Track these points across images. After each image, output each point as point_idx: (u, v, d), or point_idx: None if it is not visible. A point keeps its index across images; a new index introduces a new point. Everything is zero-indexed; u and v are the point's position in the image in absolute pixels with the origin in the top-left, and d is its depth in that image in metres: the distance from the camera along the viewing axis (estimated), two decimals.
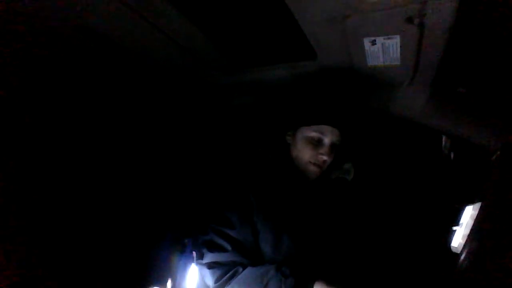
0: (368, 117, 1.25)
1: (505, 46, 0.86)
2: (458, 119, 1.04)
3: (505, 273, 0.69)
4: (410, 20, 0.66)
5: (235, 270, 0.89)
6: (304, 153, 1.00)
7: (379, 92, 1.09)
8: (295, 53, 0.96)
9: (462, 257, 0.82)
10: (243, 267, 0.89)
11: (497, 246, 0.74)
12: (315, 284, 0.82)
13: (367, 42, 0.78)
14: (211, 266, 0.92)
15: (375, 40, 0.77)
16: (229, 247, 0.92)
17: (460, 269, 0.81)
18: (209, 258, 0.94)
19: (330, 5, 0.66)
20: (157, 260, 1.13)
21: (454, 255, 0.90)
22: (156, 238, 1.18)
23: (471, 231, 0.86)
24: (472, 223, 0.88)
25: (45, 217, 0.94)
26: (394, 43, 0.76)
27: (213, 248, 0.94)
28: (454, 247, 0.94)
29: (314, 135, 0.99)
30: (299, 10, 0.69)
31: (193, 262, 1.01)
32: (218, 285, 0.90)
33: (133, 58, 0.93)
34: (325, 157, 0.98)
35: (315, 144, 0.99)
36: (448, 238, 0.98)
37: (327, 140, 0.99)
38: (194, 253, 1.02)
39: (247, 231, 0.94)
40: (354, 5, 0.65)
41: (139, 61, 0.95)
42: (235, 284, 0.88)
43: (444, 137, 1.46)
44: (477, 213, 0.87)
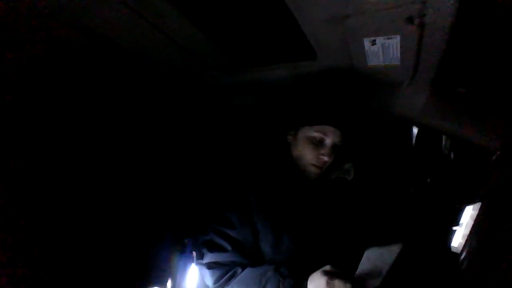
0: (369, 117, 1.25)
1: (505, 46, 0.86)
2: (458, 119, 1.04)
3: (505, 273, 0.69)
4: (410, 20, 0.66)
5: (234, 271, 0.89)
6: (305, 153, 1.00)
7: (379, 92, 1.09)
8: (295, 53, 0.96)
9: (462, 257, 0.83)
10: (242, 267, 0.90)
11: (497, 246, 0.74)
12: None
13: (367, 42, 0.78)
14: (211, 266, 0.92)
15: (375, 40, 0.77)
16: (229, 247, 0.92)
17: (460, 269, 0.81)
18: (209, 258, 0.94)
19: (330, 5, 0.66)
20: (157, 260, 1.13)
21: (454, 255, 0.90)
22: (156, 238, 1.19)
23: (471, 231, 0.86)
24: (472, 223, 0.88)
25: (45, 217, 0.94)
26: (394, 43, 0.76)
27: (213, 248, 0.94)
28: (454, 247, 0.94)
29: (316, 135, 0.99)
30: (299, 10, 0.69)
31: (193, 262, 1.02)
32: (218, 286, 0.90)
33: (133, 58, 0.93)
34: (326, 158, 0.98)
35: (317, 144, 0.99)
36: (448, 238, 0.98)
37: (328, 140, 0.99)
38: (194, 253, 1.02)
39: (247, 231, 0.94)
40: (354, 5, 0.65)
41: (139, 61, 0.95)
42: (234, 284, 0.88)
43: (444, 137, 1.46)
44: (477, 213, 0.87)
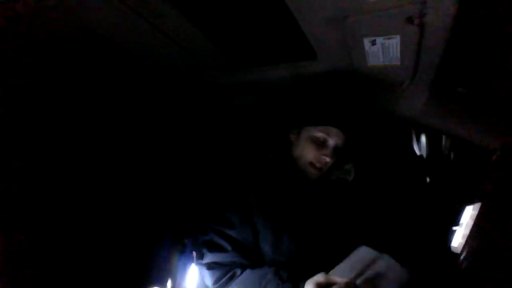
0: (369, 118, 1.25)
1: (505, 46, 0.86)
2: (458, 119, 1.04)
3: (505, 273, 0.69)
4: (410, 20, 0.66)
5: (234, 272, 0.89)
6: (307, 152, 1.00)
7: (379, 92, 1.09)
8: (295, 53, 0.96)
9: (462, 257, 0.82)
10: (242, 268, 0.90)
11: (497, 246, 0.74)
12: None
13: (367, 42, 0.78)
14: (210, 266, 0.92)
15: (375, 40, 0.77)
16: (229, 247, 0.92)
17: (460, 269, 0.81)
18: (209, 258, 0.94)
19: (330, 5, 0.66)
20: (157, 260, 1.13)
21: (454, 255, 0.90)
22: (156, 238, 1.18)
23: (471, 231, 0.86)
24: (472, 223, 0.88)
25: (45, 217, 0.94)
26: (394, 43, 0.76)
27: (213, 248, 0.94)
28: (454, 247, 0.93)
29: (319, 135, 0.99)
30: (299, 10, 0.69)
31: (193, 262, 1.01)
32: (217, 286, 0.90)
33: (133, 58, 0.93)
34: (328, 159, 0.98)
35: (319, 144, 0.99)
36: (448, 238, 0.98)
37: (331, 141, 0.99)
38: (194, 253, 1.02)
39: (247, 231, 0.94)
40: (354, 5, 0.65)
41: (139, 61, 0.95)
42: (234, 286, 0.88)
43: (444, 137, 1.46)
44: (477, 213, 0.87)
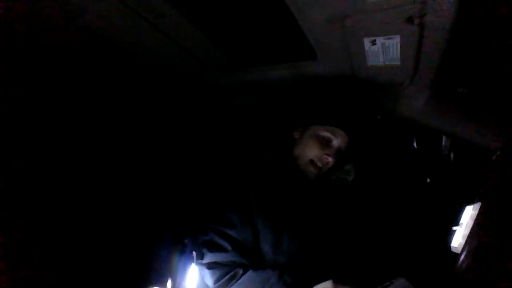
0: (371, 119, 1.25)
1: (505, 46, 0.86)
2: (458, 119, 1.04)
3: (505, 273, 0.69)
4: (410, 20, 0.66)
5: (234, 272, 0.89)
6: (309, 149, 1.00)
7: (379, 92, 1.09)
8: (295, 53, 0.96)
9: (462, 257, 0.82)
10: (243, 268, 0.89)
11: (497, 246, 0.74)
12: None
13: (367, 42, 0.78)
14: (211, 266, 0.92)
15: (375, 40, 0.77)
16: (229, 247, 0.92)
17: (460, 269, 0.81)
18: (209, 258, 0.94)
19: (330, 5, 0.66)
20: (157, 260, 1.13)
21: (454, 255, 0.90)
22: (156, 238, 1.18)
23: (471, 231, 0.86)
24: (472, 223, 0.88)
25: (45, 216, 0.94)
26: (394, 43, 0.76)
27: (213, 248, 0.94)
28: (454, 247, 0.93)
29: (325, 134, 1.00)
30: (299, 10, 0.69)
31: (193, 262, 1.01)
32: (218, 286, 0.90)
33: (133, 58, 0.93)
34: (330, 159, 0.99)
35: (324, 144, 1.00)
36: (448, 238, 0.98)
37: (336, 142, 1.00)
38: (194, 253, 1.02)
39: (247, 231, 0.94)
40: (354, 5, 0.65)
41: (140, 61, 0.95)
42: (235, 287, 0.88)
43: (444, 137, 1.46)
44: (477, 213, 0.87)
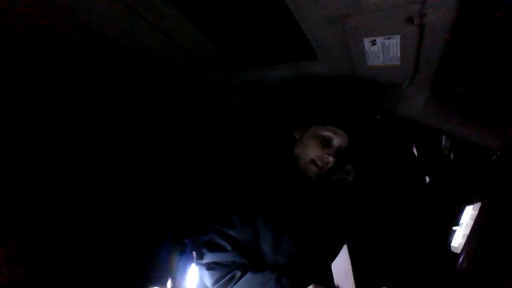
0: (371, 119, 1.25)
1: (505, 46, 0.86)
2: (458, 119, 1.04)
3: (505, 273, 0.69)
4: (410, 20, 0.66)
5: (233, 274, 0.89)
6: (310, 149, 1.01)
7: (379, 92, 1.09)
8: (295, 53, 0.96)
9: (462, 257, 0.82)
10: (242, 269, 0.89)
11: (497, 246, 0.74)
12: None
13: (367, 42, 0.78)
14: (210, 267, 0.92)
15: (375, 40, 0.77)
16: (229, 247, 0.92)
17: (460, 269, 0.81)
18: (208, 258, 0.94)
19: (330, 5, 0.66)
20: (157, 260, 1.13)
21: (454, 255, 0.90)
22: (156, 238, 1.18)
23: (471, 231, 0.86)
24: (472, 223, 0.88)
25: (45, 216, 0.94)
26: (394, 43, 0.76)
27: (213, 248, 0.94)
28: (454, 247, 0.93)
29: (326, 134, 1.01)
30: (299, 10, 0.69)
31: (193, 262, 1.01)
32: (217, 287, 0.90)
33: (133, 58, 0.93)
34: (331, 158, 0.99)
35: (324, 143, 1.00)
36: (448, 238, 0.97)
37: (336, 142, 1.00)
38: (194, 253, 1.02)
39: (247, 231, 0.94)
40: (354, 5, 0.65)
41: (140, 61, 0.95)
42: None
43: (444, 137, 1.46)
44: (477, 213, 0.87)
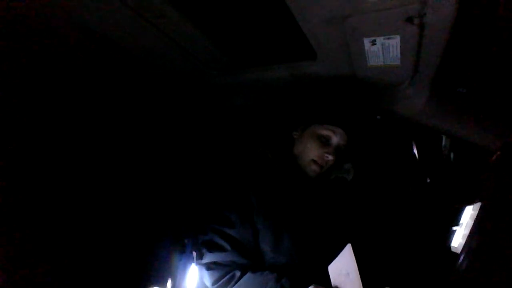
0: (370, 119, 1.25)
1: (505, 46, 0.86)
2: (458, 119, 1.04)
3: (505, 273, 0.69)
4: (410, 20, 0.66)
5: (233, 274, 0.89)
6: (310, 149, 1.01)
7: (379, 92, 1.09)
8: (295, 53, 0.96)
9: (462, 257, 0.82)
10: (241, 269, 0.89)
11: (497, 246, 0.74)
12: None
13: (367, 42, 0.78)
14: (210, 267, 0.92)
15: (375, 40, 0.77)
16: (228, 247, 0.92)
17: (460, 269, 0.81)
18: (208, 258, 0.94)
19: (330, 5, 0.66)
20: (157, 260, 1.13)
21: (454, 255, 0.90)
22: (156, 238, 1.18)
23: (471, 231, 0.86)
24: (472, 223, 0.88)
25: (45, 216, 0.94)
26: (394, 43, 0.76)
27: (213, 248, 0.94)
28: (454, 247, 0.93)
29: (325, 133, 1.01)
30: (299, 10, 0.69)
31: (193, 262, 1.01)
32: (216, 287, 0.90)
33: (133, 58, 0.93)
34: (330, 157, 0.99)
35: (323, 142, 1.01)
36: (448, 238, 0.98)
37: (335, 140, 1.01)
38: (194, 253, 1.02)
39: (247, 231, 0.94)
40: (354, 5, 0.65)
41: (140, 61, 0.95)
42: None
43: (444, 137, 1.46)
44: (477, 213, 0.87)
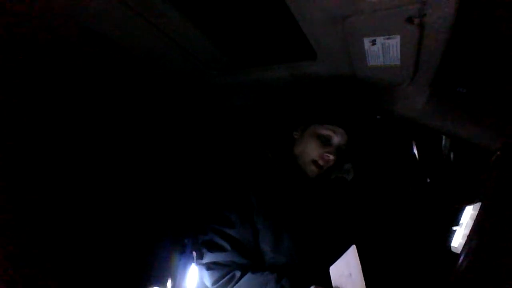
0: (370, 119, 1.25)
1: (505, 46, 0.86)
2: (458, 119, 1.04)
3: (505, 273, 0.69)
4: (410, 20, 0.66)
5: (233, 274, 0.89)
6: (310, 149, 1.01)
7: (379, 92, 1.09)
8: (295, 53, 0.96)
9: (462, 257, 0.82)
10: (241, 269, 0.89)
11: (497, 246, 0.74)
12: None
13: (367, 42, 0.78)
14: (210, 267, 0.92)
15: (375, 40, 0.77)
16: (228, 247, 0.92)
17: (460, 269, 0.81)
18: (208, 258, 0.94)
19: (330, 5, 0.66)
20: (157, 260, 1.13)
21: (454, 255, 0.90)
22: (156, 238, 1.18)
23: (471, 231, 0.86)
24: (472, 223, 0.88)
25: (45, 216, 0.94)
26: (394, 43, 0.76)
27: (213, 248, 0.94)
28: (454, 247, 0.93)
29: (325, 132, 1.01)
30: (299, 10, 0.69)
31: (193, 262, 1.01)
32: (216, 287, 0.90)
33: (133, 58, 0.93)
34: (331, 157, 0.99)
35: (324, 142, 1.01)
36: (448, 238, 0.98)
37: (335, 140, 1.01)
38: (194, 253, 1.02)
39: (247, 231, 0.94)
40: (354, 5, 0.65)
41: (140, 61, 0.95)
42: None
43: (444, 137, 1.46)
44: (477, 213, 0.87)
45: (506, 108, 0.97)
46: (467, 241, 0.85)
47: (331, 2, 0.65)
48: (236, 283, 0.88)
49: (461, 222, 0.95)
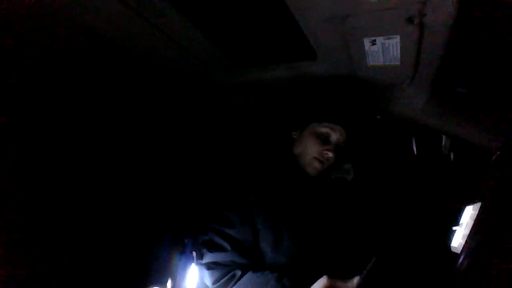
0: (369, 118, 1.25)
1: (505, 46, 0.86)
2: (458, 119, 1.04)
3: (505, 273, 0.69)
4: (410, 20, 0.66)
5: (233, 273, 0.89)
6: (310, 147, 1.01)
7: (379, 92, 1.09)
8: (295, 53, 0.96)
9: (462, 257, 0.82)
10: (242, 269, 0.89)
11: (497, 246, 0.74)
12: None
13: (367, 42, 0.78)
14: (210, 267, 0.92)
15: (375, 40, 0.77)
16: (228, 247, 0.92)
17: (460, 269, 0.81)
18: (208, 258, 0.94)
19: (330, 5, 0.66)
20: (157, 260, 1.13)
21: (454, 255, 0.90)
22: (156, 238, 1.18)
23: (471, 231, 0.86)
24: (472, 223, 0.88)
25: (45, 216, 0.94)
26: (394, 43, 0.76)
27: (213, 248, 0.94)
28: (454, 247, 0.94)
29: (324, 130, 1.02)
30: (299, 10, 0.69)
31: (193, 262, 1.01)
32: (216, 287, 0.90)
33: (133, 58, 0.93)
34: (330, 154, 1.00)
35: (323, 140, 1.01)
36: (448, 238, 0.98)
37: (335, 137, 1.01)
38: (194, 253, 1.02)
39: (247, 230, 0.94)
40: (354, 5, 0.65)
41: (140, 61, 0.95)
42: None
43: (444, 137, 1.46)
44: (477, 213, 0.87)
45: (506, 108, 0.97)
46: (467, 241, 0.85)
47: (331, 2, 0.65)
48: (236, 282, 0.88)
49: (461, 222, 0.95)
